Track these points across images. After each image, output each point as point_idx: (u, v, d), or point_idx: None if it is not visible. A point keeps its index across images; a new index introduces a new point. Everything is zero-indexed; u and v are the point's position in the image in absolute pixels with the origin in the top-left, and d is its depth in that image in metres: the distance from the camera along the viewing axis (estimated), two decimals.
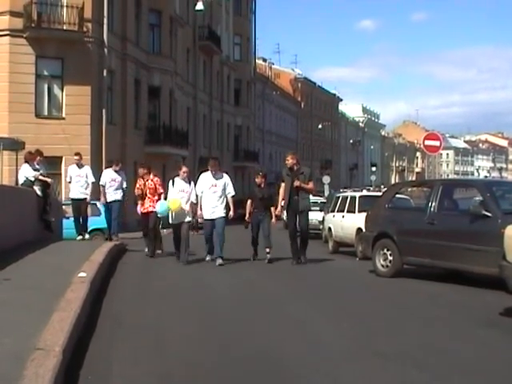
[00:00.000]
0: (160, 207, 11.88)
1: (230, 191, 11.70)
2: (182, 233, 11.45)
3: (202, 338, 5.73)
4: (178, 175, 11.63)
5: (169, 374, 4.70)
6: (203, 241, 12.27)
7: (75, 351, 4.90)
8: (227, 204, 11.71)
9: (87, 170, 14.37)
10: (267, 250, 11.93)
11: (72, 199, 14.32)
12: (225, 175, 11.88)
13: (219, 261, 11.22)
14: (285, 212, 12.40)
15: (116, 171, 14.07)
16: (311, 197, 14.09)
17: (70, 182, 14.26)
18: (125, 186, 14.12)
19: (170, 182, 11.64)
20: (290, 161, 11.70)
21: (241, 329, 6.14)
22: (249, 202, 12.38)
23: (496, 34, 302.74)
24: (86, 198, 14.08)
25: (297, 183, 11.41)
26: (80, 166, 14.22)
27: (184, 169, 11.75)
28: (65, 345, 4.59)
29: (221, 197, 11.54)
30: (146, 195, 12.70)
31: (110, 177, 13.97)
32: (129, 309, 7.10)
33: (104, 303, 7.32)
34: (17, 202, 11.60)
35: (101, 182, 14.01)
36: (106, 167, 17.85)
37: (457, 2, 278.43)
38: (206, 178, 11.63)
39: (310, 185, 11.75)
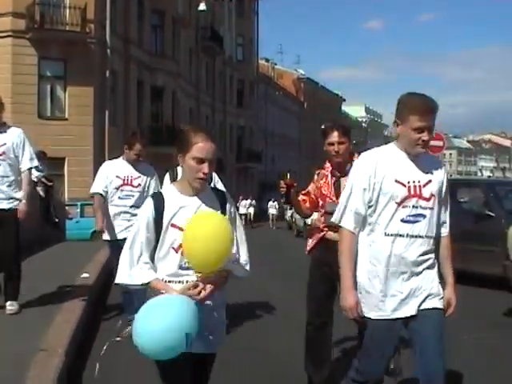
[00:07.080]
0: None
1: None
2: None
3: None
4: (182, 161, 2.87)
5: None
6: None
7: (78, 352, 4.90)
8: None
9: (16, 135, 5.78)
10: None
11: None
12: None
13: None
14: None
15: (132, 163, 6.14)
16: None
17: None
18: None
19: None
20: None
21: None
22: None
23: (502, 35, 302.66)
24: (15, 209, 5.69)
25: None
26: None
27: (201, 139, 2.77)
28: (68, 346, 4.58)
29: None
30: None
31: (115, 174, 6.13)
32: None
33: (107, 304, 7.31)
34: None
35: (95, 190, 6.10)
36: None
37: (462, 3, 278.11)
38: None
39: None
